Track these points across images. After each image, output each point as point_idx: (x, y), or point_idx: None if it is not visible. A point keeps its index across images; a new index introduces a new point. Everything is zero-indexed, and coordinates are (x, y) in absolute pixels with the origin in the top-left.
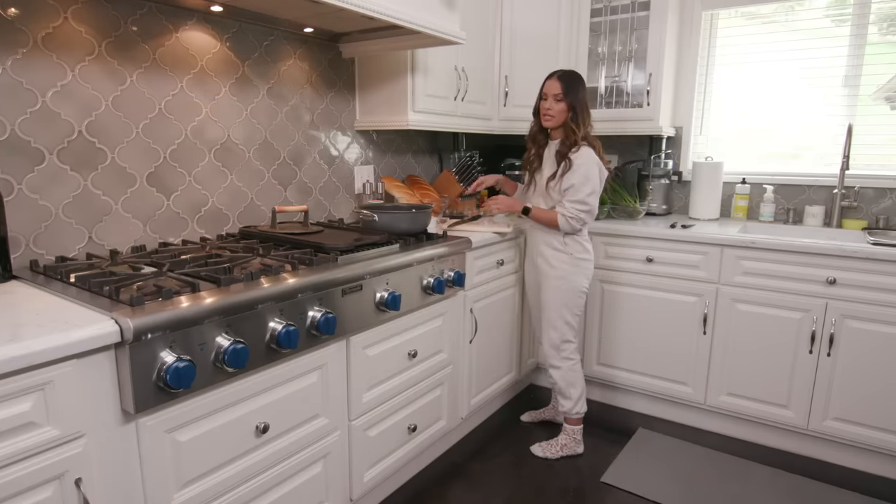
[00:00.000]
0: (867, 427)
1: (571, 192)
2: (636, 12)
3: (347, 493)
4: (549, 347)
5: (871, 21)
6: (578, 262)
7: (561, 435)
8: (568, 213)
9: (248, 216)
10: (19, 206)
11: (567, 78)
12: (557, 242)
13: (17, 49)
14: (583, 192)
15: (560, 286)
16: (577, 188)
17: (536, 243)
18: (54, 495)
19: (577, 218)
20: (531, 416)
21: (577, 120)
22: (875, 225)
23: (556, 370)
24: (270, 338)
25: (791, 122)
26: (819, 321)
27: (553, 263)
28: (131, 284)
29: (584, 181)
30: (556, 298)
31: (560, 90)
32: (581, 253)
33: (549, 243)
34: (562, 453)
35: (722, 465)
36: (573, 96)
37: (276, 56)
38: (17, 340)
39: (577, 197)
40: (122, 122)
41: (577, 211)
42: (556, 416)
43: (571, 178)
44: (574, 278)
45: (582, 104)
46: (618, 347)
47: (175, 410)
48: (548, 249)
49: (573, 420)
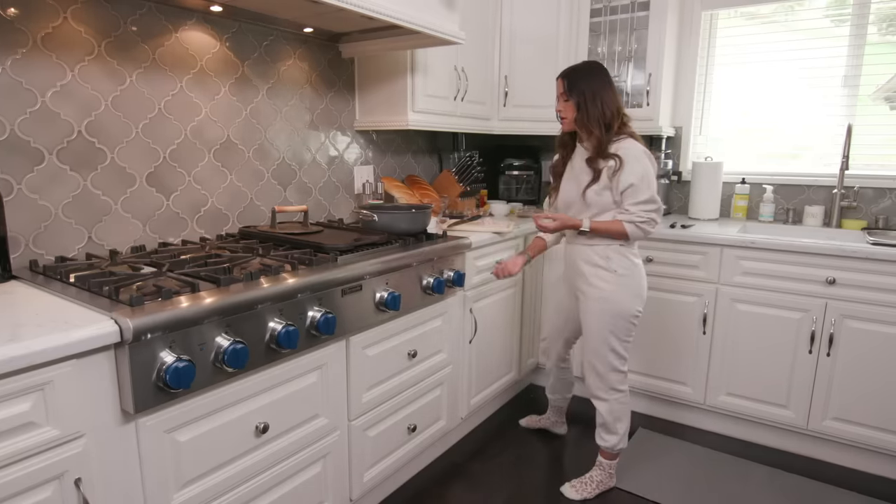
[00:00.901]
0: (867, 427)
1: (632, 192)
2: (636, 12)
3: (347, 493)
4: (593, 378)
5: (871, 21)
6: (623, 279)
7: (595, 470)
8: (637, 217)
9: (247, 216)
10: (19, 206)
11: (571, 73)
12: (598, 258)
13: (17, 49)
14: (647, 190)
15: (604, 309)
16: (639, 188)
17: (574, 261)
18: (54, 495)
19: (648, 221)
20: (529, 422)
21: (587, 117)
22: (874, 225)
23: (603, 402)
24: (270, 338)
25: (791, 122)
26: (819, 321)
27: (593, 282)
28: (131, 284)
29: (643, 176)
30: (599, 324)
31: (563, 88)
32: (628, 269)
33: (588, 259)
34: (598, 490)
35: (721, 464)
36: (578, 92)
37: (276, 56)
38: (17, 340)
39: (642, 197)
40: (122, 122)
41: (647, 213)
42: (554, 427)
43: (628, 177)
44: (619, 299)
45: (592, 97)
46: None
47: (175, 410)
48: (587, 266)
49: (610, 455)
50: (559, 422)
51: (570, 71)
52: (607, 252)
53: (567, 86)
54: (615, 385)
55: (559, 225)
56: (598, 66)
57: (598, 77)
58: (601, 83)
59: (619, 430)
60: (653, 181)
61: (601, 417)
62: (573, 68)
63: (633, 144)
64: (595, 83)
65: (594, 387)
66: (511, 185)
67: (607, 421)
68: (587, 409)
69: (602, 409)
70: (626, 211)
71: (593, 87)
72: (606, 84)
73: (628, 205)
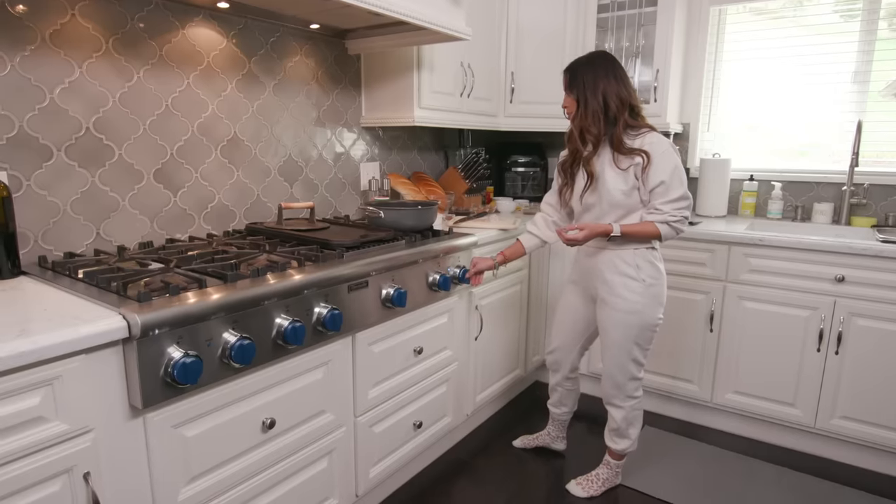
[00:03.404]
0: (875, 426)
1: (663, 190)
2: (643, 8)
3: (353, 489)
4: (610, 387)
5: (882, 16)
6: (652, 288)
7: (602, 468)
8: (671, 217)
9: (254, 213)
10: (28, 203)
11: (572, 67)
12: (629, 266)
13: (26, 46)
14: (680, 186)
15: (631, 322)
16: (671, 185)
17: (595, 267)
18: (63, 489)
19: (682, 220)
20: (524, 443)
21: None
22: (884, 222)
23: (619, 410)
24: (277, 334)
25: (799, 119)
26: (827, 319)
27: (621, 294)
28: (139, 280)
29: (674, 172)
30: (624, 335)
31: (566, 83)
32: (655, 277)
33: (616, 268)
34: (604, 488)
35: (728, 463)
36: (577, 88)
37: (282, 52)
38: (26, 336)
39: (674, 195)
40: (130, 118)
41: (680, 210)
42: (554, 444)
43: (658, 174)
44: (648, 311)
45: (593, 90)
46: None
47: (182, 406)
48: (614, 276)
49: (619, 455)
50: (560, 437)
51: (573, 63)
52: (636, 260)
53: (568, 81)
54: (632, 393)
55: (588, 234)
56: (600, 56)
57: (600, 68)
58: (604, 73)
59: (632, 434)
60: (684, 176)
61: (615, 423)
62: (576, 60)
63: (658, 138)
64: (595, 74)
65: (611, 395)
66: (517, 182)
67: (621, 427)
68: (591, 405)
69: (617, 415)
70: (657, 210)
71: (595, 81)
72: (610, 74)
73: (659, 203)
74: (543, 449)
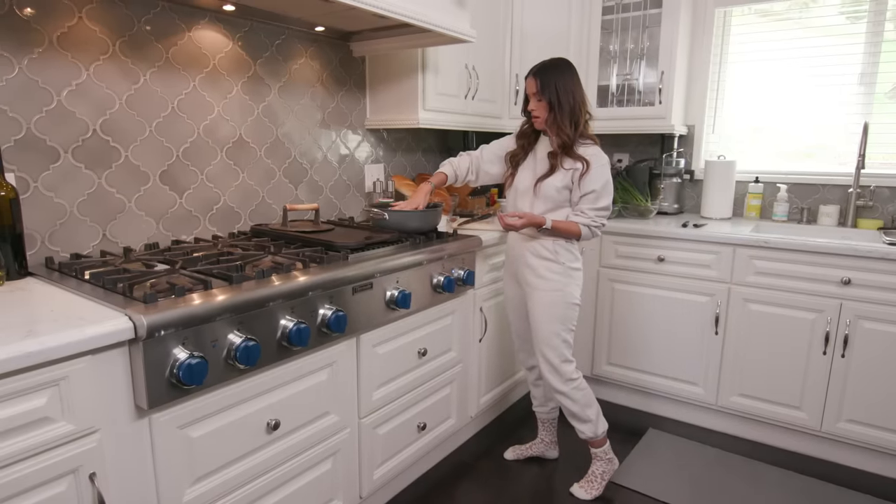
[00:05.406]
0: (881, 429)
1: (593, 198)
2: (648, 10)
3: (357, 491)
4: (548, 373)
5: (888, 18)
6: (571, 271)
7: (595, 463)
8: (592, 221)
9: (259, 214)
10: (35, 204)
11: (542, 72)
12: (547, 251)
13: (33, 48)
14: (606, 198)
15: (554, 300)
16: (600, 195)
17: (520, 253)
18: (69, 490)
19: (599, 226)
20: (517, 453)
21: (560, 116)
22: (891, 225)
23: (564, 396)
24: (281, 335)
25: (805, 121)
26: (833, 322)
27: (543, 274)
28: (145, 282)
29: (605, 186)
30: (549, 314)
31: (535, 87)
32: (573, 262)
33: (536, 252)
34: (604, 482)
35: (732, 466)
36: (550, 91)
37: (288, 55)
38: (33, 336)
39: (601, 204)
40: (136, 120)
41: (601, 217)
42: (547, 452)
43: (592, 182)
44: (568, 290)
45: (566, 98)
46: (628, 347)
47: (187, 406)
48: (535, 259)
49: (599, 441)
50: (552, 443)
51: (540, 68)
52: (555, 247)
53: (540, 86)
54: (570, 375)
55: (525, 223)
56: (566, 63)
57: (569, 74)
58: (572, 80)
59: (591, 415)
60: (611, 190)
61: (568, 410)
62: (543, 65)
63: (599, 152)
64: (566, 81)
65: (552, 382)
66: None
67: (575, 412)
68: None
69: (566, 403)
70: (583, 213)
71: (566, 84)
72: (577, 81)
73: (586, 208)
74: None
